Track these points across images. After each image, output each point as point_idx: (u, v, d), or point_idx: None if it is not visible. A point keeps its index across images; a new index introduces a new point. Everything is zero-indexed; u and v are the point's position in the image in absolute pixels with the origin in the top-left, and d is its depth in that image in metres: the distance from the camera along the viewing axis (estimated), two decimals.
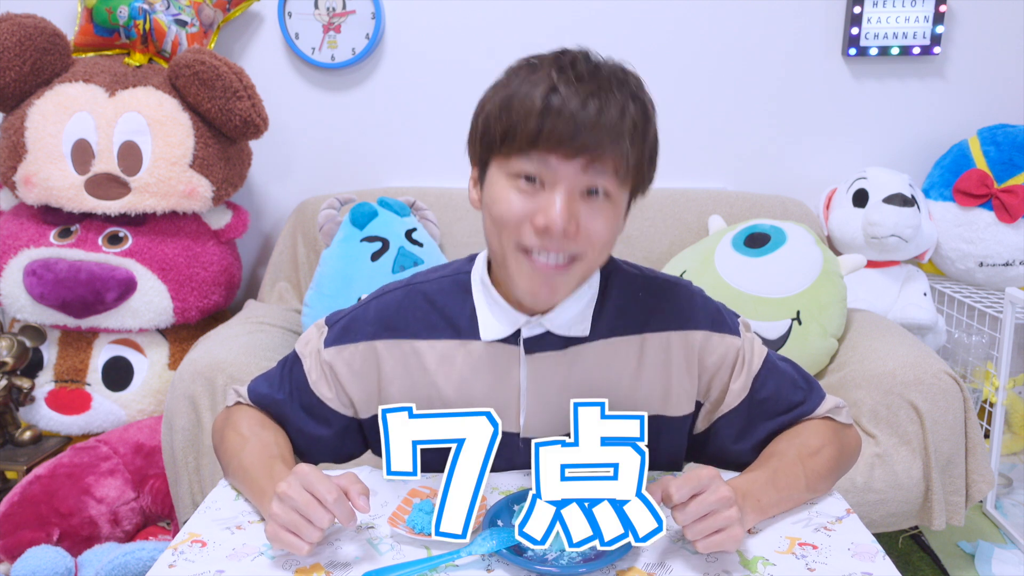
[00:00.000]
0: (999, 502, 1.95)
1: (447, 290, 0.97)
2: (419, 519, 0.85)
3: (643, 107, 0.84)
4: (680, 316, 0.96)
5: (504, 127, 0.82)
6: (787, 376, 0.99)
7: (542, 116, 0.79)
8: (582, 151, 0.79)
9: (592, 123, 0.78)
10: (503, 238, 0.86)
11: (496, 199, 0.85)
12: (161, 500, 1.70)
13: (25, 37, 1.82)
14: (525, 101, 0.80)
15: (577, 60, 0.82)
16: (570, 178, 0.81)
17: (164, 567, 0.81)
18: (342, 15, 2.17)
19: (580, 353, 0.94)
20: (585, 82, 0.80)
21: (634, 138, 0.82)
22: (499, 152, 0.84)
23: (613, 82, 0.81)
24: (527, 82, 0.81)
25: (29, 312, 1.85)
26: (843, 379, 1.68)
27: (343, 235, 1.89)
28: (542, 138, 0.79)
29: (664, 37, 2.20)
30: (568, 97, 0.79)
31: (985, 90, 2.23)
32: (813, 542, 0.84)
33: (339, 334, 0.98)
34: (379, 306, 0.98)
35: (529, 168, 0.82)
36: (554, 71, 0.80)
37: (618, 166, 0.82)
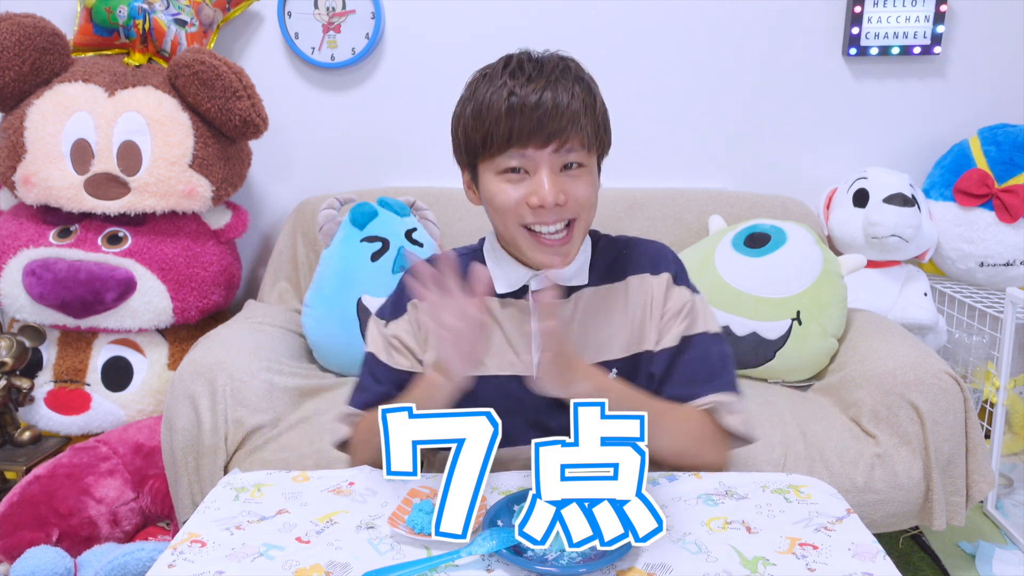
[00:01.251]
0: (1000, 502, 1.95)
1: (466, 262, 1.13)
2: (419, 519, 0.85)
3: (587, 86, 0.99)
4: (655, 262, 1.12)
5: (481, 135, 0.97)
6: (710, 358, 1.08)
7: (509, 118, 0.94)
8: (551, 137, 0.95)
9: (551, 112, 0.94)
10: (507, 222, 1.02)
11: (494, 193, 1.00)
12: (161, 500, 1.70)
13: (24, 37, 1.82)
14: (492, 109, 0.95)
15: (523, 62, 0.98)
16: (548, 160, 0.97)
17: (164, 567, 0.81)
18: (342, 15, 2.17)
19: (580, 298, 1.10)
20: (534, 79, 0.95)
21: (587, 114, 0.97)
22: (483, 155, 0.99)
23: (557, 72, 0.96)
24: (488, 92, 0.97)
25: (28, 312, 1.85)
26: (843, 379, 1.68)
27: (343, 235, 1.89)
28: (514, 136, 0.95)
29: (664, 37, 2.20)
30: (526, 96, 0.94)
31: (986, 90, 2.23)
32: (813, 542, 0.84)
33: (391, 311, 1.14)
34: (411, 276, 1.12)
35: (512, 162, 0.98)
36: (507, 78, 0.96)
37: (582, 140, 0.97)
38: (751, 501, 0.93)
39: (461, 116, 1.01)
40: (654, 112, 2.26)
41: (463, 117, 1.00)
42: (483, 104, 0.96)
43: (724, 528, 0.87)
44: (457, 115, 1.02)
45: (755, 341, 1.78)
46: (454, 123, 1.03)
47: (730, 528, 0.87)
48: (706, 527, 0.87)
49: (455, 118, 1.03)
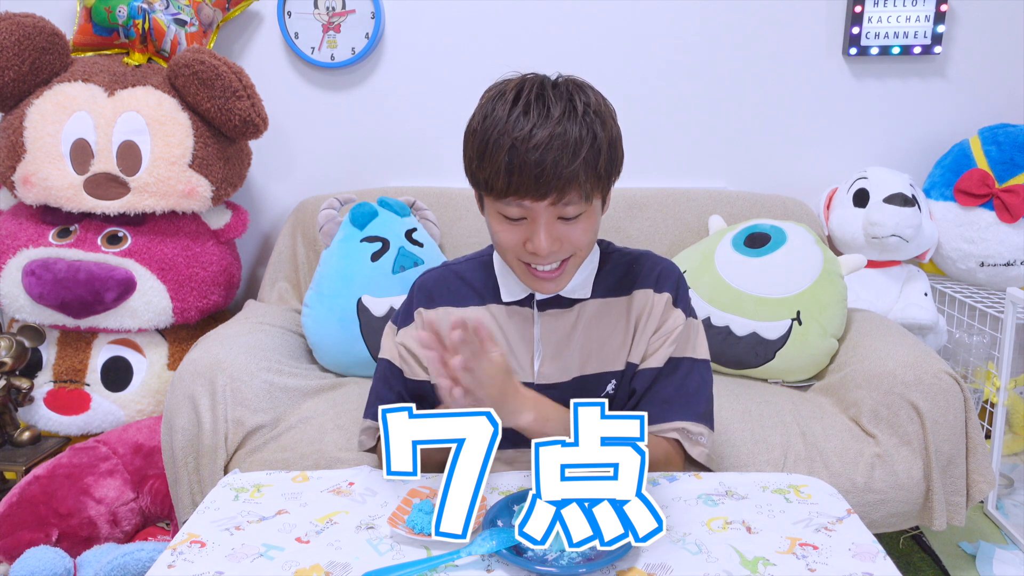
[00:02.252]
0: (1000, 502, 1.95)
1: (474, 268, 1.18)
2: (419, 519, 0.85)
3: (593, 133, 0.96)
4: (659, 280, 1.13)
5: (483, 178, 0.99)
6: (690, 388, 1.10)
7: (508, 175, 0.95)
8: (547, 193, 0.96)
9: (550, 172, 0.94)
10: (507, 257, 1.06)
11: (495, 230, 1.04)
12: (160, 500, 1.70)
13: (24, 36, 1.82)
14: (493, 159, 0.96)
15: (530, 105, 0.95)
16: (545, 212, 0.98)
17: (163, 568, 0.81)
18: (342, 15, 2.17)
19: (584, 309, 1.12)
20: (538, 129, 0.94)
21: (588, 169, 0.96)
22: (486, 194, 1.01)
23: (563, 118, 0.95)
24: (493, 132, 0.96)
25: (28, 312, 1.85)
26: (843, 379, 1.68)
27: (343, 235, 1.89)
28: (512, 189, 0.96)
29: (664, 37, 2.20)
30: (526, 154, 0.93)
31: (986, 89, 2.23)
32: (814, 542, 0.84)
33: (402, 319, 1.18)
34: (420, 284, 1.19)
35: (511, 212, 0.99)
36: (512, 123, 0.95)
37: (580, 194, 0.97)
38: (751, 501, 0.93)
39: (469, 145, 1.01)
40: (654, 112, 2.26)
41: (469, 147, 1.01)
42: (487, 146, 0.96)
43: (724, 528, 0.87)
44: (467, 142, 1.02)
45: (755, 341, 1.78)
46: (465, 145, 1.02)
47: (730, 528, 0.87)
48: (706, 527, 0.87)
49: (466, 135, 1.02)
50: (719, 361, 1.81)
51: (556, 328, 1.11)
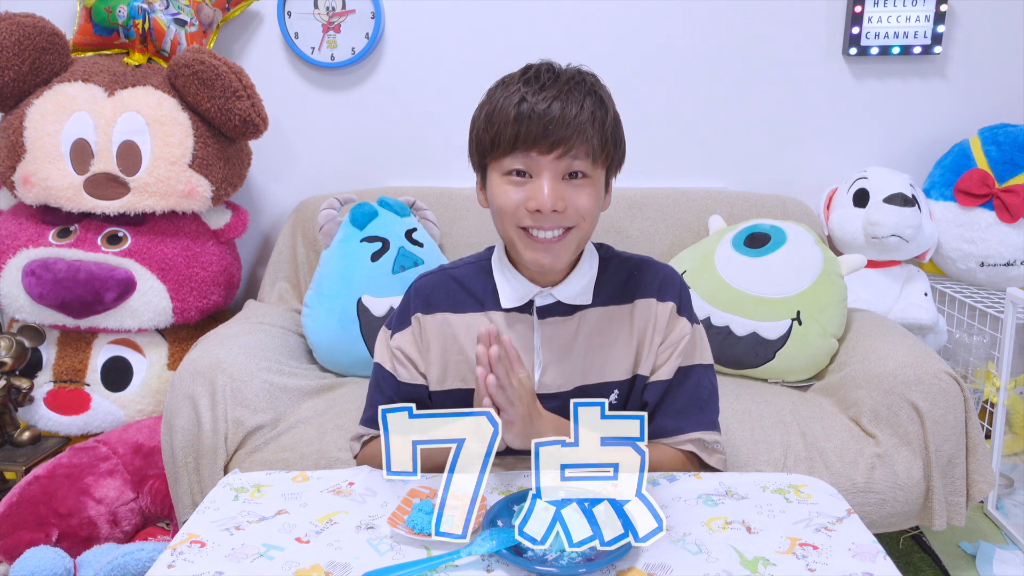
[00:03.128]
0: (1000, 502, 1.95)
1: (473, 273, 1.16)
2: (419, 519, 0.85)
3: (599, 99, 1.01)
4: (662, 288, 1.13)
5: (491, 136, 1.01)
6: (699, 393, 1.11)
7: (517, 122, 0.98)
8: (555, 145, 0.97)
9: (558, 121, 0.97)
10: (506, 224, 1.04)
11: (496, 194, 1.03)
12: (160, 500, 1.70)
13: (24, 36, 1.82)
14: (502, 113, 0.99)
15: (540, 72, 1.01)
16: (551, 166, 0.99)
17: (163, 568, 0.81)
18: (342, 15, 2.17)
19: (585, 317, 1.11)
20: (547, 88, 0.98)
21: (595, 126, 0.99)
22: (491, 156, 1.03)
23: (571, 84, 0.99)
24: (502, 97, 1.00)
25: (28, 312, 1.85)
26: (843, 379, 1.68)
27: (343, 235, 1.89)
28: (520, 139, 0.98)
29: (664, 37, 2.20)
30: (535, 103, 0.97)
31: (986, 89, 2.23)
32: (814, 542, 0.84)
33: (398, 323, 1.16)
34: (417, 288, 1.17)
35: (516, 164, 1.00)
36: (522, 84, 1.00)
37: (587, 150, 0.99)
38: (751, 501, 0.93)
39: (477, 119, 1.05)
40: (654, 112, 2.26)
41: (478, 120, 1.04)
42: (496, 107, 1.00)
43: (724, 528, 0.87)
44: (474, 118, 1.06)
45: (755, 341, 1.78)
46: (471, 125, 1.06)
47: (730, 528, 0.87)
48: (706, 527, 0.87)
49: (472, 121, 1.06)
50: (719, 361, 1.82)
51: (557, 336, 1.10)
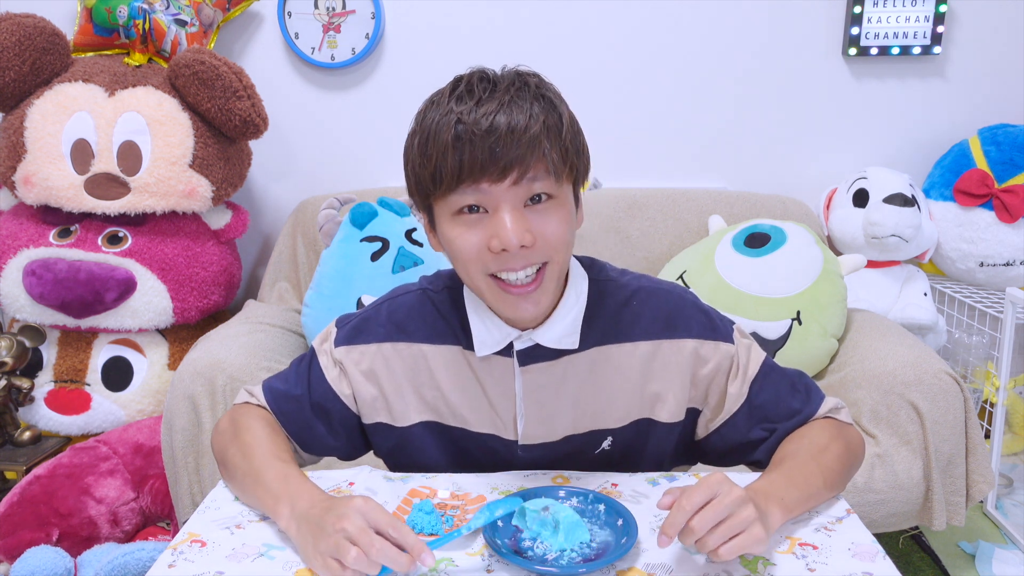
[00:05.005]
0: (1000, 502, 1.95)
1: (448, 301, 0.99)
2: (419, 519, 0.85)
3: (549, 103, 0.84)
4: (672, 324, 0.97)
5: (429, 171, 0.83)
6: (785, 381, 1.00)
7: (457, 150, 0.80)
8: (508, 168, 0.80)
9: (506, 140, 0.80)
10: (471, 272, 0.87)
11: (450, 239, 0.86)
12: (161, 500, 1.70)
13: (25, 37, 1.82)
14: (437, 141, 0.81)
15: (472, 83, 0.84)
16: (508, 195, 0.82)
17: (164, 567, 0.81)
18: (342, 15, 2.17)
19: (572, 363, 0.96)
20: (485, 101, 0.81)
21: (550, 136, 0.82)
22: (435, 195, 0.85)
23: (512, 90, 0.82)
24: (434, 121, 0.83)
25: (28, 312, 1.85)
26: (843, 379, 1.68)
27: (343, 235, 1.89)
28: (465, 171, 0.81)
29: (664, 38, 2.20)
30: (475, 123, 0.80)
31: (985, 90, 2.23)
32: (813, 542, 0.84)
33: (349, 334, 1.00)
34: (391, 308, 1.01)
35: (467, 200, 0.83)
36: (454, 103, 0.82)
37: (546, 167, 0.82)
38: None
39: (408, 151, 0.87)
40: (654, 112, 2.26)
41: (411, 151, 0.87)
42: (429, 135, 0.83)
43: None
44: (406, 150, 0.88)
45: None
46: (404, 159, 0.89)
47: None
48: None
49: (405, 154, 0.89)
50: None
51: (540, 385, 0.95)
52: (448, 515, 0.87)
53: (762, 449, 0.98)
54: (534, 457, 0.99)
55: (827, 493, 0.90)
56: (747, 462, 1.01)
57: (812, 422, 0.98)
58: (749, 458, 1.00)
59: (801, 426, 0.98)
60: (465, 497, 0.92)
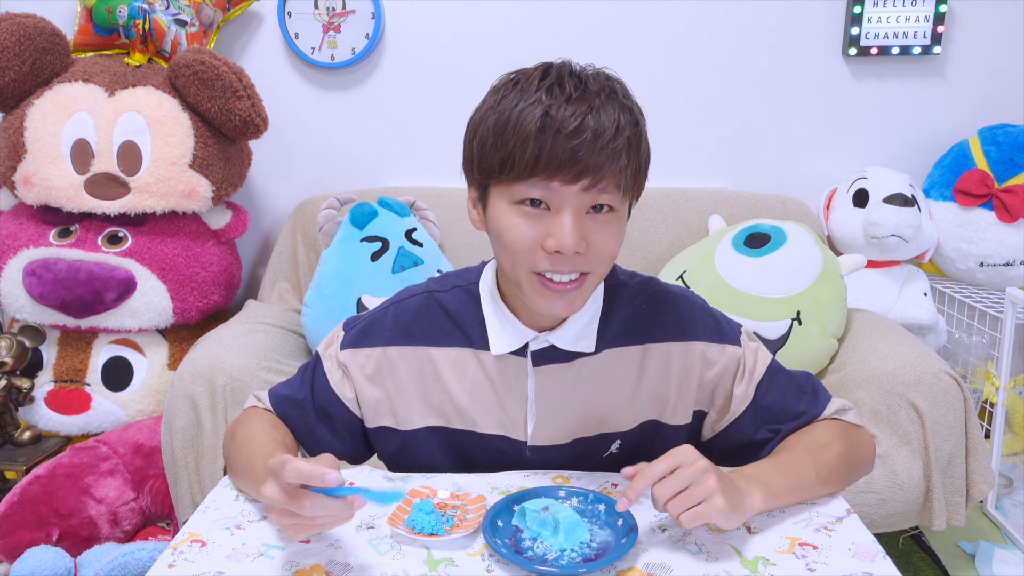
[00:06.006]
0: (1000, 502, 1.95)
1: (460, 300, 0.99)
2: (419, 519, 0.85)
3: (634, 117, 0.83)
4: (680, 327, 0.98)
5: (501, 155, 0.81)
6: (791, 383, 1.00)
7: (539, 143, 0.79)
8: (583, 174, 0.80)
9: (589, 145, 0.79)
10: (516, 264, 0.86)
11: (504, 227, 0.85)
12: (161, 500, 1.70)
13: (25, 37, 1.82)
14: (519, 127, 0.80)
15: (564, 77, 0.82)
16: (575, 199, 0.82)
17: (164, 567, 0.81)
18: (342, 15, 2.17)
19: (586, 365, 0.96)
20: (575, 101, 0.80)
21: (630, 152, 0.82)
22: (499, 179, 0.84)
23: (602, 95, 0.81)
24: (518, 105, 0.81)
25: (28, 312, 1.85)
26: (843, 379, 1.68)
27: (343, 235, 1.89)
28: (541, 165, 0.80)
29: (664, 38, 2.20)
30: (563, 120, 0.79)
31: (986, 90, 2.23)
32: (813, 542, 0.84)
33: (355, 338, 1.00)
34: (397, 312, 1.00)
35: (533, 193, 0.82)
36: (543, 93, 0.80)
37: (619, 182, 0.82)
38: None
39: (479, 126, 0.85)
40: (654, 112, 2.23)
41: (482, 127, 0.84)
42: (510, 118, 0.80)
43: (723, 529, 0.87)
44: (475, 123, 0.86)
45: None
46: (469, 132, 0.87)
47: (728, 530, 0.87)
48: (706, 527, 0.87)
49: (472, 126, 0.87)
50: None
51: (553, 386, 0.96)
52: (448, 515, 0.87)
53: (767, 450, 0.99)
54: (542, 459, 1.00)
55: (821, 488, 0.91)
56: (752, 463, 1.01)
57: (817, 422, 0.99)
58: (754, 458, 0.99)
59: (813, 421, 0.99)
60: (465, 497, 0.92)
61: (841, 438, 0.96)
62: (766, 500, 0.85)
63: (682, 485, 0.78)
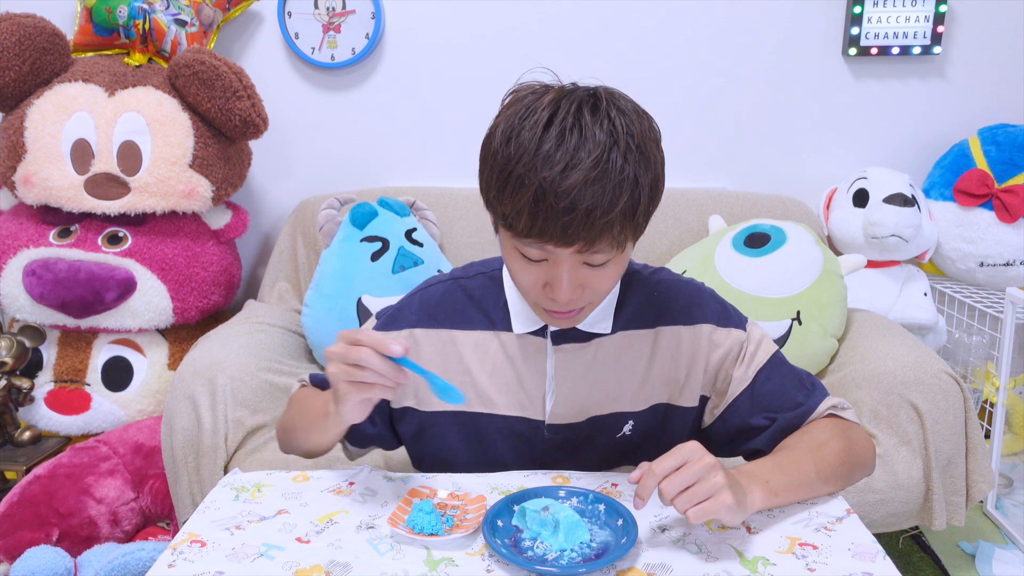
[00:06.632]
0: (999, 502, 1.95)
1: (484, 286, 1.05)
2: (419, 519, 0.85)
3: (635, 179, 0.82)
4: (690, 311, 1.02)
5: (502, 211, 0.85)
6: (792, 375, 1.03)
7: (532, 214, 0.81)
8: (574, 242, 0.82)
9: (581, 221, 0.80)
10: (520, 292, 0.94)
11: (510, 264, 0.91)
12: (161, 500, 1.70)
13: (25, 37, 1.82)
14: (517, 193, 0.81)
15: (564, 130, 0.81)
16: (570, 258, 0.85)
17: (164, 567, 0.81)
18: (342, 15, 2.17)
19: (602, 345, 1.01)
20: (573, 167, 0.79)
21: (624, 219, 0.83)
22: (503, 227, 0.88)
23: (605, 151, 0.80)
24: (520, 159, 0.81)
25: (29, 312, 1.85)
26: (843, 379, 1.68)
27: (343, 235, 1.89)
28: (535, 232, 0.82)
29: (664, 38, 2.20)
30: (556, 196, 0.79)
31: (985, 90, 2.23)
32: (813, 542, 0.84)
33: (385, 323, 1.06)
34: (423, 297, 1.06)
35: (531, 253, 0.86)
36: (540, 158, 0.80)
37: (612, 243, 0.84)
38: None
39: (489, 164, 0.86)
40: (654, 112, 2.24)
41: (488, 167, 0.86)
42: (510, 179, 0.82)
43: (724, 528, 0.87)
44: (486, 155, 0.87)
45: None
46: (483, 159, 0.88)
47: (730, 528, 0.87)
48: (706, 527, 0.87)
49: (485, 153, 0.87)
50: None
51: (571, 365, 1.00)
52: (448, 515, 0.87)
53: (762, 438, 1.00)
54: (559, 439, 1.02)
55: (821, 485, 0.92)
56: (747, 451, 1.03)
57: (816, 420, 1.00)
58: (749, 445, 1.02)
59: (803, 419, 1.00)
60: (465, 497, 0.93)
61: (839, 436, 0.97)
62: (766, 497, 0.86)
63: (689, 481, 0.79)
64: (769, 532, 0.86)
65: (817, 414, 1.01)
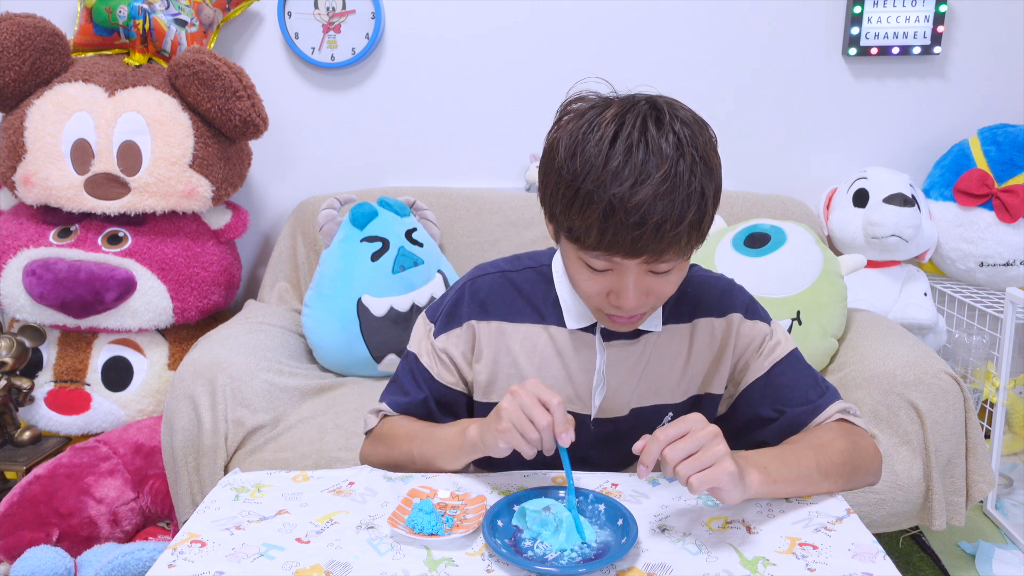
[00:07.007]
0: (999, 502, 1.95)
1: (533, 280, 1.06)
2: (419, 519, 0.85)
3: (701, 191, 0.83)
4: (721, 303, 1.05)
5: (569, 225, 0.86)
6: (808, 374, 1.05)
7: (601, 229, 0.82)
8: (643, 253, 0.84)
9: (651, 234, 0.81)
10: (582, 298, 0.96)
11: (572, 274, 0.93)
12: (161, 500, 1.70)
13: (25, 37, 1.82)
14: (586, 208, 0.82)
15: (632, 146, 0.81)
16: (636, 267, 0.87)
17: (164, 567, 0.81)
18: (342, 15, 2.17)
19: (649, 341, 1.03)
20: (643, 183, 0.80)
21: (692, 231, 0.84)
22: (568, 240, 0.89)
23: (673, 165, 0.81)
24: (586, 188, 0.82)
25: (28, 312, 1.85)
26: (843, 379, 1.68)
27: (343, 235, 1.89)
28: (604, 246, 0.84)
29: (664, 38, 2.20)
30: (624, 211, 0.80)
31: (985, 90, 2.23)
32: (813, 542, 0.84)
33: (444, 322, 1.06)
34: (473, 289, 1.07)
35: (597, 264, 0.88)
36: (610, 175, 0.80)
37: (678, 253, 0.85)
38: (751, 501, 0.93)
39: (553, 179, 0.86)
40: None
41: (554, 178, 0.86)
42: (577, 196, 0.82)
43: (724, 528, 0.87)
44: (550, 169, 0.87)
45: None
46: (546, 172, 0.88)
47: (730, 528, 0.87)
48: (706, 527, 0.87)
49: (549, 167, 0.87)
50: None
51: (621, 360, 1.02)
52: (448, 515, 0.87)
53: (770, 430, 1.02)
54: (603, 433, 1.04)
55: (821, 479, 0.93)
56: (754, 442, 1.04)
57: (824, 424, 1.02)
58: (756, 436, 1.04)
59: (811, 416, 1.02)
60: (465, 497, 0.92)
61: (844, 437, 0.98)
62: (764, 482, 0.88)
63: (692, 448, 0.81)
64: (769, 532, 0.86)
65: (826, 414, 1.02)
